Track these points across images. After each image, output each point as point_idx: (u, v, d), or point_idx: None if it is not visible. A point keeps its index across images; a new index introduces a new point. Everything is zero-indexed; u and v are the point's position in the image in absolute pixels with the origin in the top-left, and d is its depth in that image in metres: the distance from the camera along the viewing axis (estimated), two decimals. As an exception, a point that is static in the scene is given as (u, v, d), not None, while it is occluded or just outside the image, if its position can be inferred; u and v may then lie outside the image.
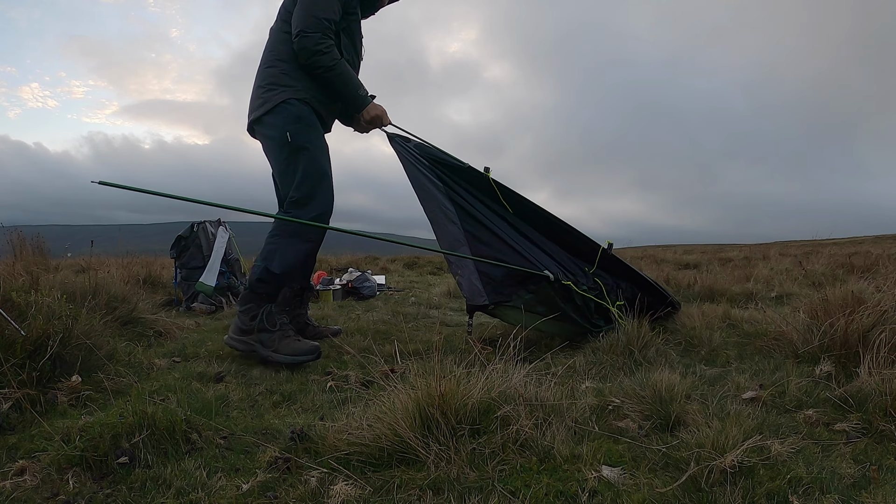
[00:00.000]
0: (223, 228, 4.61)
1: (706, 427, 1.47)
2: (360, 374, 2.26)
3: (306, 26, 2.46)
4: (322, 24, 2.47)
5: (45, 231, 5.73)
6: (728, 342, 2.64)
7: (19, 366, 1.77)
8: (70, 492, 1.26)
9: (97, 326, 2.26)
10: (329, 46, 2.49)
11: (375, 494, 1.25)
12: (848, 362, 2.02)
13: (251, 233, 10.18)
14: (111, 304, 2.92)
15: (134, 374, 2.15)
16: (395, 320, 3.70)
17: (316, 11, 2.47)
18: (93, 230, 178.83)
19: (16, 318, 1.88)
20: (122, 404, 1.58)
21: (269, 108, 2.55)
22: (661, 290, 3.02)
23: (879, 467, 1.35)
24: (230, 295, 4.46)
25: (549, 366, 2.07)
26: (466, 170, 2.82)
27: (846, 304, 2.24)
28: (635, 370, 2.13)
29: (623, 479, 1.30)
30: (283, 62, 2.57)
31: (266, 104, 2.56)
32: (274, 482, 1.30)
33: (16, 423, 1.61)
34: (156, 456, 1.40)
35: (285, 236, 2.54)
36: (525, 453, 1.37)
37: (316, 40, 2.46)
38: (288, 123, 2.53)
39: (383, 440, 1.39)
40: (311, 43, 2.45)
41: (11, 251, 4.51)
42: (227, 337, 2.58)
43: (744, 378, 2.04)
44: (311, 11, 2.47)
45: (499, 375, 1.59)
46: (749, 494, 1.19)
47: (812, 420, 1.64)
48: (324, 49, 2.47)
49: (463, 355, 1.69)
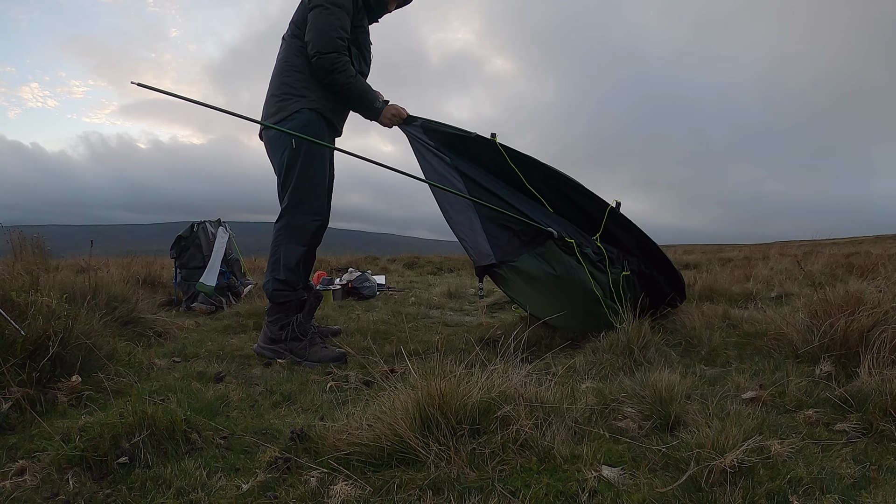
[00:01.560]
0: (223, 228, 4.61)
1: (706, 427, 1.47)
2: (360, 374, 2.26)
3: (322, 47, 2.54)
4: (336, 44, 2.56)
5: (45, 231, 5.72)
6: (728, 342, 2.63)
7: (19, 366, 1.77)
8: (70, 492, 1.26)
9: (97, 326, 2.26)
10: (345, 64, 2.58)
11: (375, 494, 1.25)
12: (848, 362, 2.02)
13: (251, 233, 10.16)
14: (111, 304, 2.92)
15: (134, 374, 2.15)
16: (395, 320, 3.70)
17: (330, 31, 2.54)
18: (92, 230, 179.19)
19: (16, 318, 1.88)
20: (122, 404, 1.58)
21: (282, 118, 2.63)
22: (674, 268, 3.06)
23: (879, 467, 1.35)
24: (230, 295, 4.46)
25: (549, 366, 2.07)
26: (473, 139, 2.86)
27: (846, 304, 2.24)
28: (635, 370, 2.13)
29: (623, 479, 1.30)
30: (297, 72, 2.65)
31: (279, 113, 2.64)
32: (274, 482, 1.30)
33: (16, 423, 1.61)
34: (156, 456, 1.40)
35: (283, 244, 2.65)
36: (525, 453, 1.37)
37: (332, 60, 2.55)
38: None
39: (383, 440, 1.39)
40: (328, 63, 2.55)
41: (11, 251, 4.50)
42: (257, 346, 2.70)
43: (744, 378, 2.04)
44: (325, 31, 2.54)
45: (499, 375, 1.59)
46: (749, 494, 1.19)
47: (812, 420, 1.64)
48: (340, 68, 2.57)
49: (463, 355, 1.69)
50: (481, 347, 1.84)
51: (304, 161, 2.61)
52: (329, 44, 2.54)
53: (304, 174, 2.62)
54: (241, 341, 2.99)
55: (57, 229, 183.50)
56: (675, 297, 3.12)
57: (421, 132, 2.88)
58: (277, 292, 2.62)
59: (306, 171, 2.62)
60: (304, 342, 2.57)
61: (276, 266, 2.64)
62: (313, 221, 2.65)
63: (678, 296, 3.13)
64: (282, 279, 2.61)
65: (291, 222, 2.63)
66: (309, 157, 2.62)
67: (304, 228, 2.63)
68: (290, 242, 2.63)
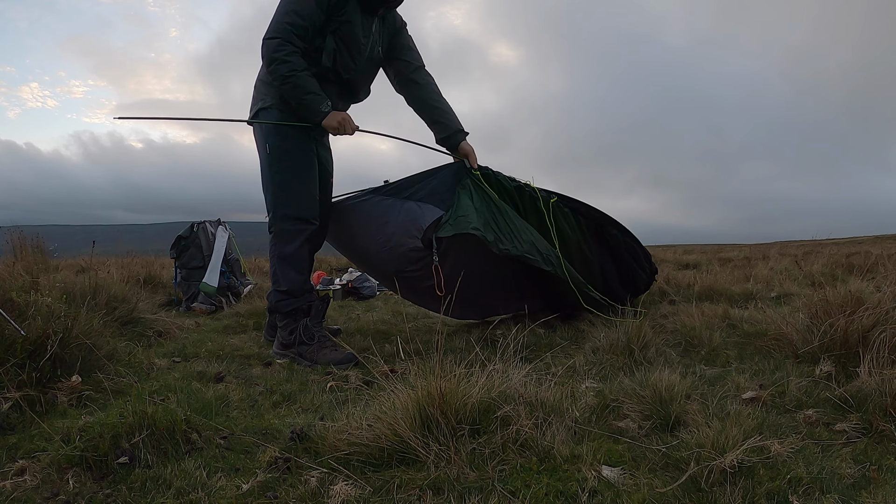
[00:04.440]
0: (223, 228, 4.61)
1: (706, 427, 1.47)
2: (360, 374, 2.26)
3: (269, 31, 2.43)
4: (283, 29, 2.39)
5: (45, 231, 5.73)
6: (728, 342, 2.63)
7: (19, 366, 1.77)
8: (70, 492, 1.26)
9: (97, 326, 2.26)
10: (288, 54, 2.39)
11: (375, 494, 1.25)
12: (848, 362, 2.02)
13: (251, 233, 10.17)
14: (111, 304, 2.92)
15: (134, 374, 2.15)
16: (395, 320, 3.70)
17: (282, 16, 2.41)
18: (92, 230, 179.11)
19: (16, 318, 1.88)
20: (122, 404, 1.58)
21: (253, 114, 2.61)
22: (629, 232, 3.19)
23: (879, 467, 1.35)
24: (230, 295, 4.46)
25: (549, 366, 2.07)
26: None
27: (846, 304, 2.24)
28: (635, 370, 2.13)
29: (623, 479, 1.30)
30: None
31: (251, 109, 2.63)
32: (274, 482, 1.30)
33: (16, 424, 1.61)
34: (156, 456, 1.40)
35: (273, 251, 2.64)
36: (525, 453, 1.37)
37: (273, 46, 2.39)
38: (269, 135, 2.59)
39: (383, 440, 1.39)
40: (269, 49, 2.41)
41: (11, 251, 4.51)
42: (272, 351, 2.69)
43: (744, 378, 2.04)
44: (277, 17, 2.44)
45: (499, 375, 1.59)
46: (749, 494, 1.19)
47: (812, 420, 1.64)
48: (282, 57, 2.38)
49: (463, 355, 1.69)
50: (481, 347, 1.83)
51: (276, 165, 2.58)
52: (274, 28, 2.40)
53: (283, 178, 2.57)
54: (241, 341, 2.99)
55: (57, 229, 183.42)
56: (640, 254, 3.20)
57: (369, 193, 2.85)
58: (280, 303, 2.61)
59: (283, 175, 2.58)
60: (313, 346, 2.55)
61: (276, 278, 2.62)
62: (296, 228, 2.59)
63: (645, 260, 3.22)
64: (283, 290, 2.60)
65: (276, 229, 2.61)
66: (287, 160, 2.58)
67: (288, 235, 2.59)
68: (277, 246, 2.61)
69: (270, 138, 2.58)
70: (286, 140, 2.58)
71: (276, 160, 2.58)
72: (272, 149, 2.58)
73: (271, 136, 2.59)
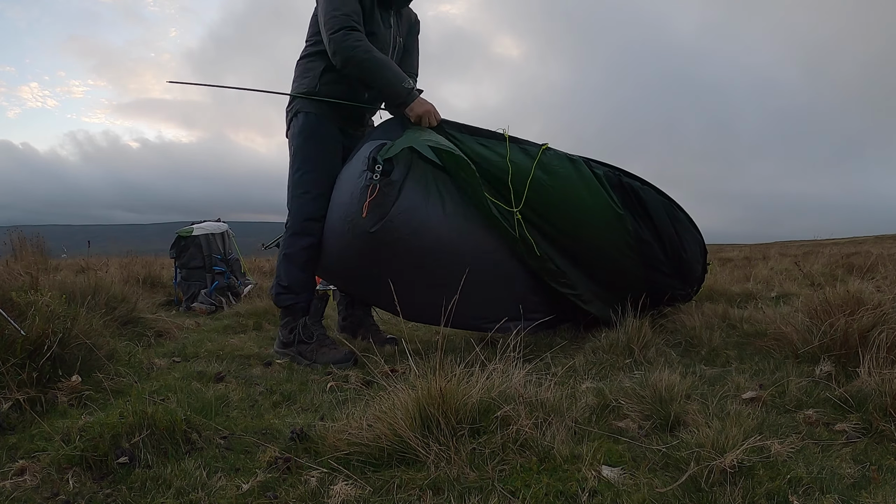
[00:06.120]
0: (221, 223, 4.62)
1: (706, 427, 1.47)
2: (360, 373, 2.26)
3: (329, 29, 2.40)
4: (344, 20, 2.39)
5: (45, 231, 5.73)
6: (728, 342, 2.63)
7: (19, 366, 1.77)
8: (70, 492, 1.26)
9: (97, 326, 2.26)
10: (358, 39, 2.38)
11: (375, 494, 1.25)
12: (848, 362, 2.02)
13: (251, 233, 10.18)
14: (111, 304, 2.92)
15: (134, 374, 2.15)
16: (395, 320, 3.70)
17: (332, 11, 2.42)
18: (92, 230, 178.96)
19: (16, 318, 1.88)
20: (122, 404, 1.58)
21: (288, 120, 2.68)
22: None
23: (879, 467, 1.35)
24: (230, 295, 4.46)
25: (549, 366, 2.07)
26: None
27: (846, 305, 2.24)
28: (635, 370, 2.13)
29: (623, 479, 1.30)
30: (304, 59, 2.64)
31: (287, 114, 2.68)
32: (274, 482, 1.30)
33: (16, 423, 1.61)
34: (156, 456, 1.40)
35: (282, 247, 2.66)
36: (525, 453, 1.37)
37: (342, 37, 2.38)
38: (294, 137, 2.63)
39: (383, 440, 1.39)
40: (338, 41, 2.38)
41: (11, 251, 4.51)
42: (273, 350, 2.71)
43: (744, 378, 2.04)
44: (328, 13, 2.43)
45: (499, 375, 1.59)
46: (749, 494, 1.19)
47: (812, 420, 1.64)
48: (353, 43, 2.37)
49: (463, 355, 1.69)
50: (481, 347, 1.83)
51: (296, 163, 2.60)
52: (332, 22, 2.38)
53: (300, 181, 2.59)
54: (241, 341, 2.99)
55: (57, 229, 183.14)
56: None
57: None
58: (280, 297, 2.63)
59: (302, 178, 2.58)
60: (312, 345, 2.57)
61: (278, 272, 2.65)
62: (307, 226, 2.57)
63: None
64: (283, 285, 2.62)
65: (289, 226, 2.62)
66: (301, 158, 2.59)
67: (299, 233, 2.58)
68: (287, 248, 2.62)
69: (295, 139, 2.62)
70: (308, 140, 2.60)
71: (296, 158, 2.61)
72: (295, 148, 2.61)
73: (296, 135, 2.61)
